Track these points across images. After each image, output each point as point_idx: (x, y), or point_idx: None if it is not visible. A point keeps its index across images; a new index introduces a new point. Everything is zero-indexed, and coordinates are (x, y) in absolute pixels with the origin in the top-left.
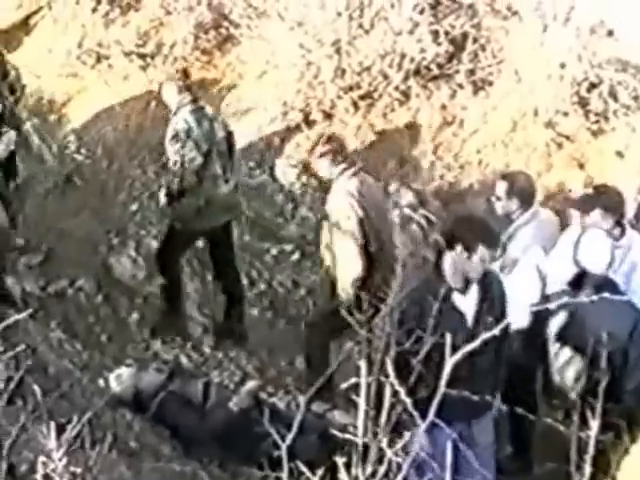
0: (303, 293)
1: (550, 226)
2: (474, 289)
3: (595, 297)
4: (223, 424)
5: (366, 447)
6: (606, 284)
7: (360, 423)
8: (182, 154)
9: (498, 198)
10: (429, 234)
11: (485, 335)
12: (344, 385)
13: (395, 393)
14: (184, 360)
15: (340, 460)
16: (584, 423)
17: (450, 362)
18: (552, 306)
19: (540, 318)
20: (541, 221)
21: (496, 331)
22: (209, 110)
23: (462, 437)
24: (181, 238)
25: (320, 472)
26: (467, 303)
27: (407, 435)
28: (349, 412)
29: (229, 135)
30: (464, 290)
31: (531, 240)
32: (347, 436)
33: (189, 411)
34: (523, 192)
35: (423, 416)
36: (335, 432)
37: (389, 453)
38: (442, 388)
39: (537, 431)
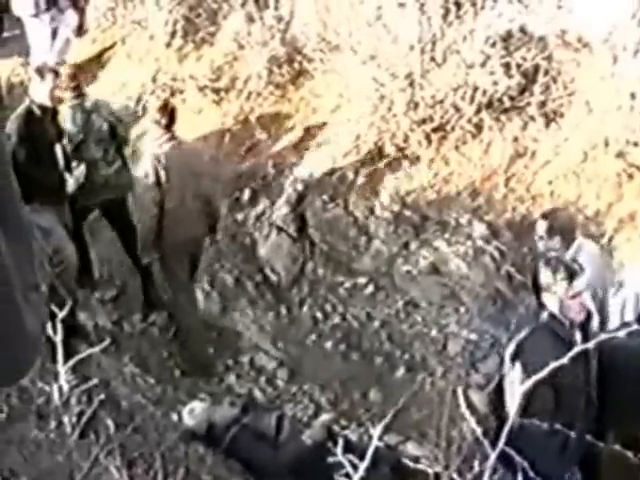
0: (377, 326)
1: (597, 258)
2: None
3: None
4: (296, 457)
5: (437, 477)
6: None
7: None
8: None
9: (541, 237)
10: (501, 266)
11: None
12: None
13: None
14: (257, 394)
15: None
16: None
17: (521, 390)
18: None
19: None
20: (588, 253)
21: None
22: (88, 103)
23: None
24: (78, 212)
25: None
26: None
27: (477, 465)
28: (421, 444)
29: (112, 123)
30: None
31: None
32: (419, 466)
33: (262, 444)
34: (563, 230)
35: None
36: (407, 462)
37: None
38: (514, 416)
39: (605, 457)
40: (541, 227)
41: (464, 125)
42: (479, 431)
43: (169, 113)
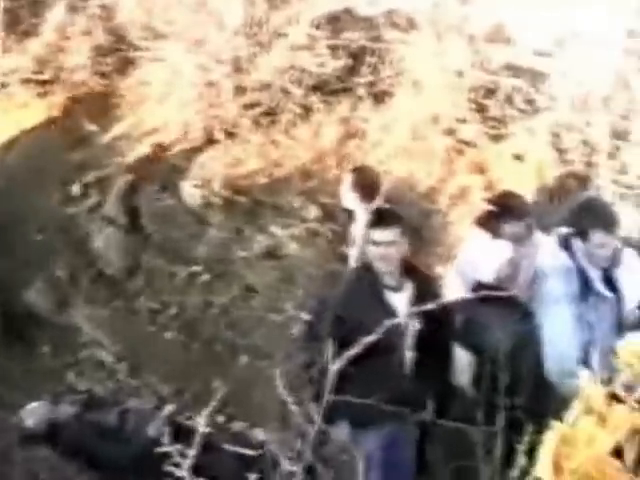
0: (216, 313)
1: None
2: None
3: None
4: (141, 451)
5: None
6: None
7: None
8: None
9: (345, 189)
10: (336, 247)
11: (367, 339)
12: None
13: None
14: (99, 389)
15: (253, 477)
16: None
17: (334, 368)
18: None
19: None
20: None
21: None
22: None
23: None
24: None
25: None
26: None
27: (298, 443)
28: (267, 429)
29: None
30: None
31: None
32: (259, 453)
33: (106, 440)
34: (365, 186)
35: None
36: (246, 449)
37: (284, 463)
38: (327, 395)
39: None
40: (347, 180)
41: (293, 108)
42: (299, 411)
43: None
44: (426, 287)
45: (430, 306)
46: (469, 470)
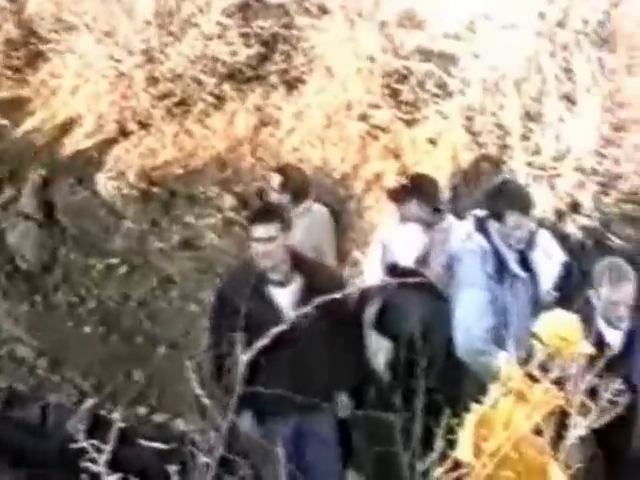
0: (134, 305)
1: (322, 219)
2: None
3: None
4: (63, 445)
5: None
6: (416, 275)
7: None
8: None
9: (273, 189)
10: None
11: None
12: None
13: None
14: (20, 386)
15: (173, 468)
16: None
17: (243, 359)
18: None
19: (358, 307)
20: (313, 215)
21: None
22: None
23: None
24: None
25: None
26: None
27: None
28: (189, 419)
29: None
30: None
31: (302, 232)
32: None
33: (28, 436)
34: (296, 188)
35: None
36: (168, 441)
37: (200, 455)
38: (238, 386)
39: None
40: (274, 180)
41: (206, 97)
42: (208, 402)
43: None
44: (319, 279)
45: (329, 297)
46: (390, 455)
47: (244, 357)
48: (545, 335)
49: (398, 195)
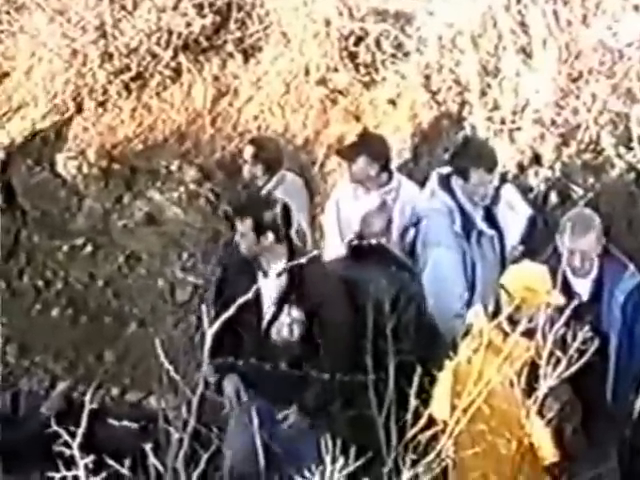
0: (101, 285)
1: (296, 188)
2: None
3: None
4: (38, 431)
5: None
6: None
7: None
8: None
9: (245, 162)
10: (218, 206)
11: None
12: None
13: None
14: None
15: (148, 446)
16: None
17: (209, 332)
18: None
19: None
20: (287, 184)
21: None
22: None
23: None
24: None
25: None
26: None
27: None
28: (162, 397)
29: None
30: None
31: None
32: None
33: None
34: (269, 160)
35: None
36: (142, 420)
37: (173, 433)
38: (206, 359)
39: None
40: (247, 152)
41: (162, 70)
42: (179, 378)
43: None
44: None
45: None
46: (365, 418)
47: (210, 330)
48: (512, 287)
49: (348, 152)
